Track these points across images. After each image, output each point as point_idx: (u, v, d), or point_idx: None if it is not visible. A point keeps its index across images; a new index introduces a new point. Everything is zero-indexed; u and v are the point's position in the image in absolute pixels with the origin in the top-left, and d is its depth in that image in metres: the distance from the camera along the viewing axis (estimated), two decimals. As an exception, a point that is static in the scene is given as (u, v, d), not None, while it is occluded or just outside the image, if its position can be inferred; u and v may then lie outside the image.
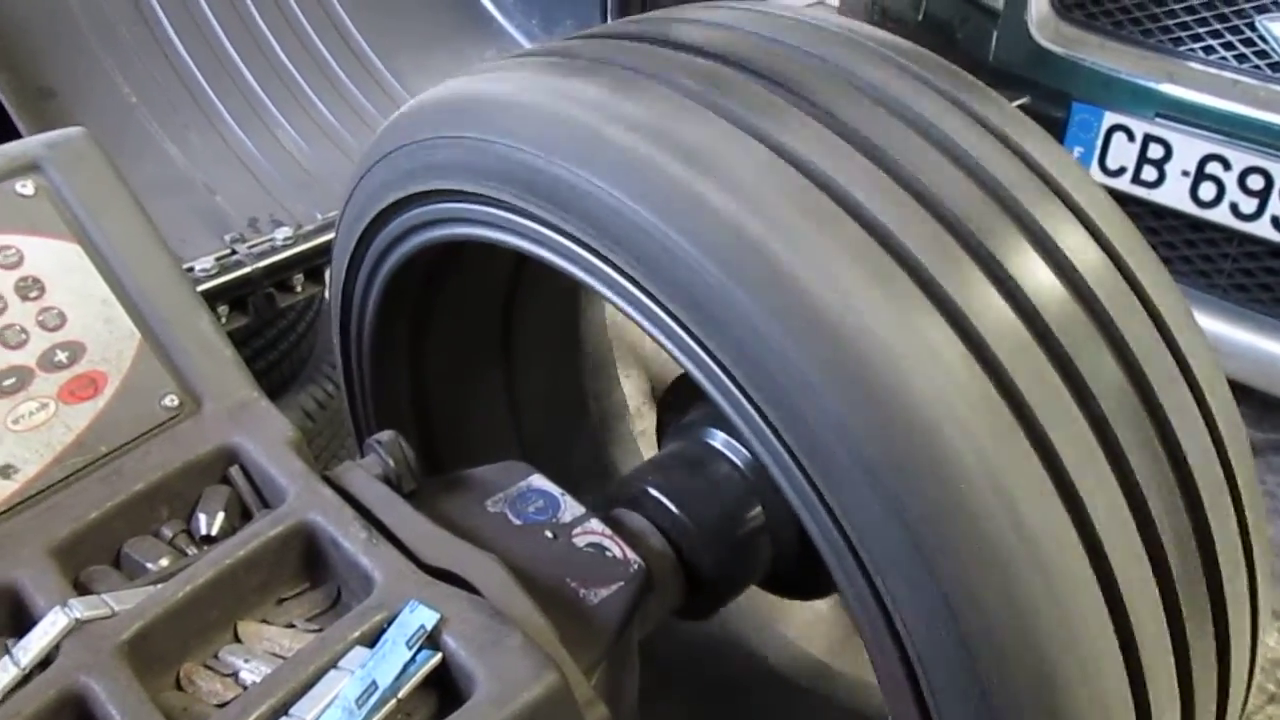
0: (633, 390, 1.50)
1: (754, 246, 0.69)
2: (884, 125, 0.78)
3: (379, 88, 1.76)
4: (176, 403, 0.90)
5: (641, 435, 1.53)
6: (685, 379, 1.24)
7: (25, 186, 0.91)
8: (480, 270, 1.21)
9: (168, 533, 0.86)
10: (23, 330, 0.87)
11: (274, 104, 1.67)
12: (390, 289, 1.11)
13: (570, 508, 0.97)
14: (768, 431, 0.73)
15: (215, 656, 0.78)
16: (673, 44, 0.85)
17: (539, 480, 0.99)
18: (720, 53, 0.83)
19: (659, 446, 1.25)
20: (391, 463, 0.92)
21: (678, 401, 1.21)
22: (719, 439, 1.13)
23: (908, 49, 0.88)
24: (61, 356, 0.87)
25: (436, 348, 1.23)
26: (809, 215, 0.70)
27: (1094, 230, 0.82)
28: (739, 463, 1.10)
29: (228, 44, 1.68)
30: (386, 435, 0.93)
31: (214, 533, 0.86)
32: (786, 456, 0.73)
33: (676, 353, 0.76)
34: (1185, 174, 2.01)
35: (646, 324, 0.77)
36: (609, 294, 0.80)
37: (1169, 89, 2.03)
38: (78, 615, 0.74)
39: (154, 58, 1.61)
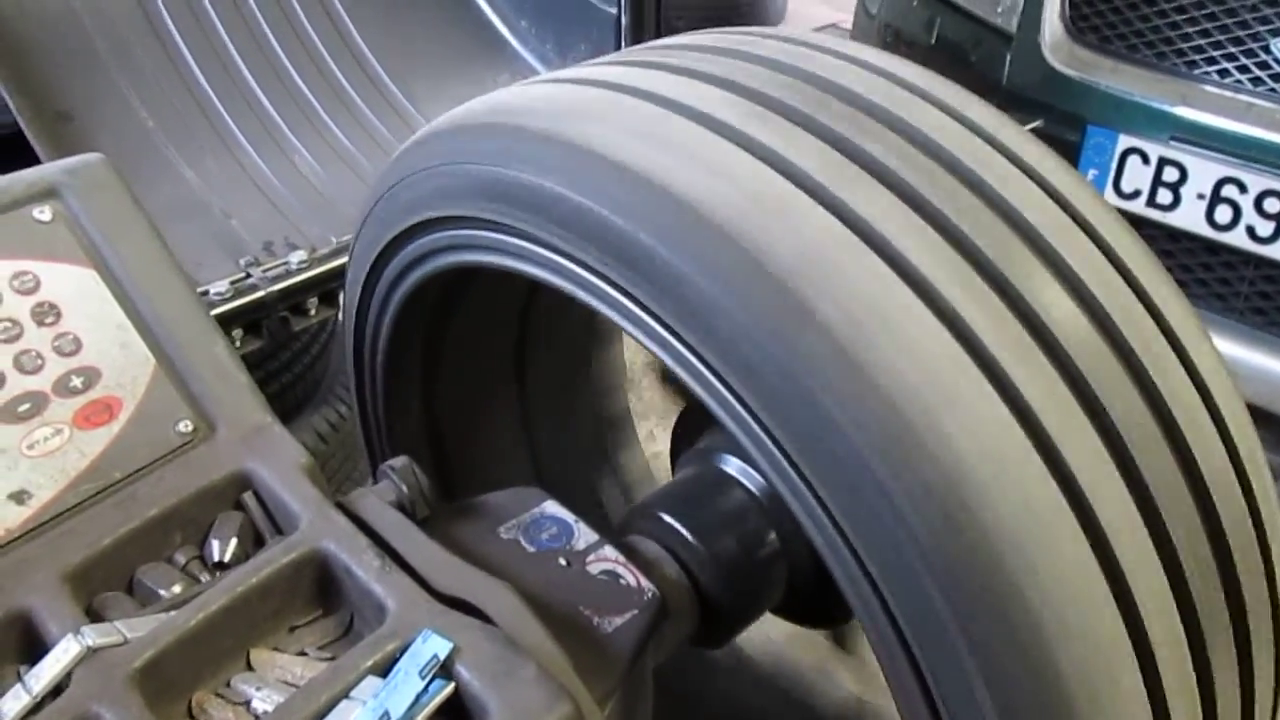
0: (645, 411, 1.50)
1: (783, 288, 0.69)
2: (900, 152, 0.78)
3: (393, 112, 1.77)
4: (190, 428, 0.90)
5: (654, 459, 1.53)
6: (696, 406, 1.24)
7: (43, 213, 0.91)
8: (495, 295, 1.21)
9: (181, 559, 0.86)
10: (39, 355, 0.88)
11: (289, 128, 1.68)
12: (404, 314, 1.11)
13: (584, 534, 0.96)
14: (784, 463, 0.72)
15: (227, 684, 0.78)
16: (698, 75, 0.85)
17: (552, 506, 0.99)
18: (742, 82, 0.83)
19: (672, 472, 1.25)
20: (405, 489, 0.91)
21: (691, 427, 1.21)
22: (733, 465, 1.12)
23: (920, 73, 0.88)
24: (77, 382, 0.88)
25: (450, 373, 1.23)
26: (839, 251, 0.70)
27: (1110, 255, 0.82)
28: (753, 489, 1.10)
29: (244, 69, 1.69)
30: (400, 461, 0.92)
31: (227, 559, 0.86)
32: (805, 490, 0.72)
33: (696, 387, 0.76)
34: (1201, 197, 2.00)
35: (667, 358, 0.77)
36: (631, 329, 0.79)
37: (1183, 112, 2.03)
38: (90, 643, 0.74)
39: (171, 82, 1.62)
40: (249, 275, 1.42)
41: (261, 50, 1.71)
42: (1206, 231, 2.00)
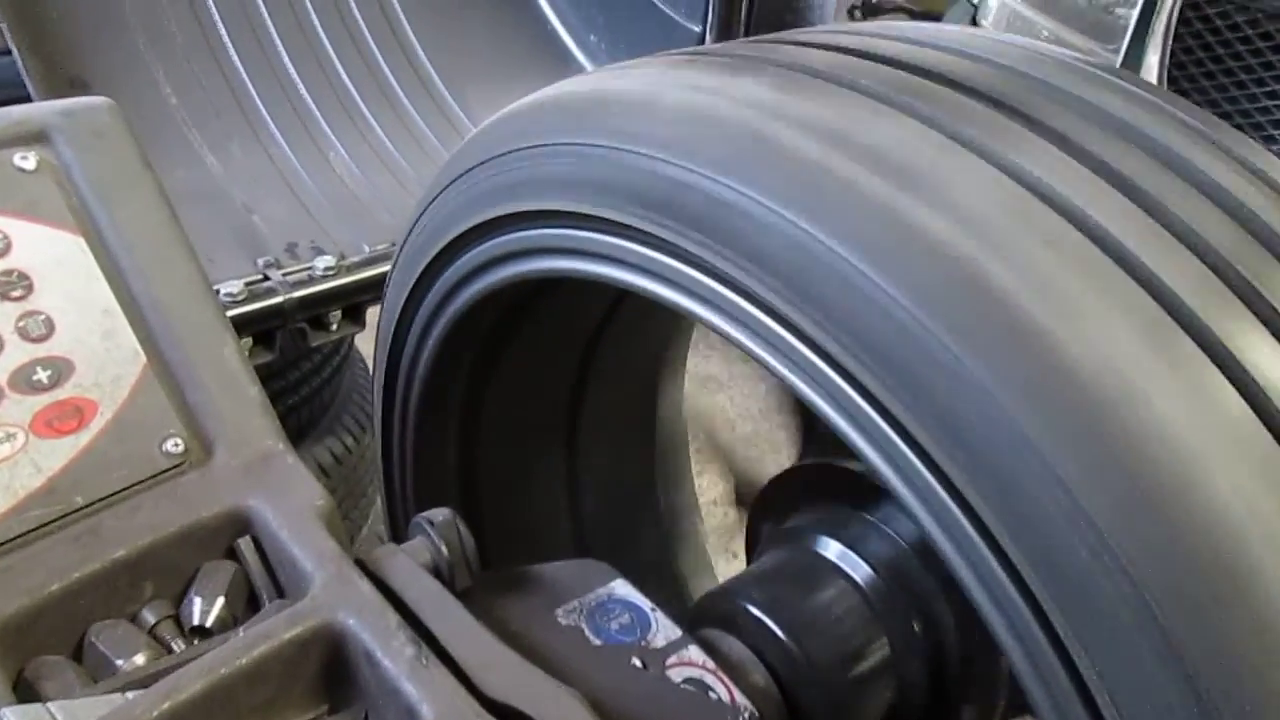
0: (706, 485, 1.30)
1: (993, 295, 0.50)
2: (1119, 149, 0.60)
3: (442, 116, 1.60)
4: (181, 448, 0.71)
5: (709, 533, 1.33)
6: (787, 477, 1.05)
7: (26, 159, 0.73)
8: (560, 325, 1.02)
9: (149, 618, 0.66)
10: (-4, 337, 0.68)
11: (327, 122, 1.50)
12: (451, 338, 0.92)
13: (663, 627, 0.76)
14: (981, 544, 0.52)
15: (192, 802, 0.58)
16: (840, 49, 0.67)
17: (623, 588, 0.79)
18: (907, 59, 0.65)
19: (748, 554, 1.05)
20: (445, 550, 0.71)
21: (778, 502, 1.01)
22: (833, 550, 0.92)
23: (1128, 74, 0.70)
24: (41, 375, 0.68)
25: (495, 413, 1.03)
26: (1060, 254, 0.51)
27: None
28: (859, 580, 0.90)
29: (283, 51, 1.52)
30: (441, 514, 0.73)
31: (209, 624, 0.66)
32: (1012, 589, 0.52)
33: (849, 429, 0.56)
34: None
35: (809, 390, 0.57)
36: (753, 345, 0.60)
37: None
38: (11, 732, 0.54)
39: (201, 58, 1.45)
40: (267, 278, 1.23)
41: (304, 34, 1.54)
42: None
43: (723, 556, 1.57)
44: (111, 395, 0.70)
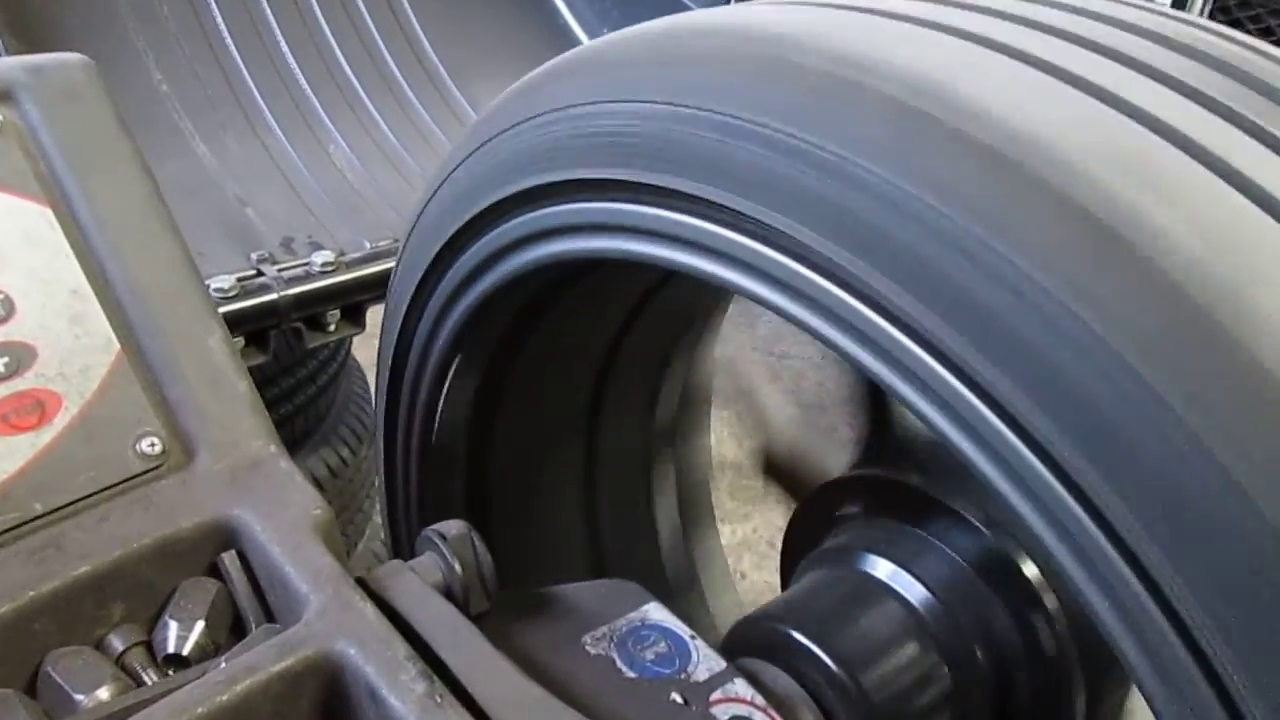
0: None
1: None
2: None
3: (447, 110, 1.51)
4: (158, 449, 0.62)
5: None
6: (826, 491, 0.96)
7: (-13, 119, 0.64)
8: (580, 320, 0.93)
9: (116, 645, 0.57)
10: (-53, 319, 0.60)
11: (327, 114, 1.42)
12: (467, 332, 0.83)
13: (704, 657, 0.67)
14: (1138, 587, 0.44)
15: None
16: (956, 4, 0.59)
17: (657, 611, 0.70)
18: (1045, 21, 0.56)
19: (783, 577, 0.96)
20: (458, 568, 0.63)
21: (817, 519, 0.93)
22: (883, 569, 0.83)
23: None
24: (-2, 363, 0.60)
25: (509, 419, 0.94)
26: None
27: None
28: (914, 602, 0.81)
29: (281, 38, 1.44)
30: (455, 528, 0.64)
31: (186, 652, 0.57)
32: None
33: (966, 446, 0.48)
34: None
35: (927, 408, 0.49)
36: (843, 340, 0.52)
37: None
38: (-58, 785, 0.45)
39: (195, 43, 1.37)
40: (260, 273, 1.15)
41: (304, 21, 1.46)
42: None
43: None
44: (78, 387, 0.61)
